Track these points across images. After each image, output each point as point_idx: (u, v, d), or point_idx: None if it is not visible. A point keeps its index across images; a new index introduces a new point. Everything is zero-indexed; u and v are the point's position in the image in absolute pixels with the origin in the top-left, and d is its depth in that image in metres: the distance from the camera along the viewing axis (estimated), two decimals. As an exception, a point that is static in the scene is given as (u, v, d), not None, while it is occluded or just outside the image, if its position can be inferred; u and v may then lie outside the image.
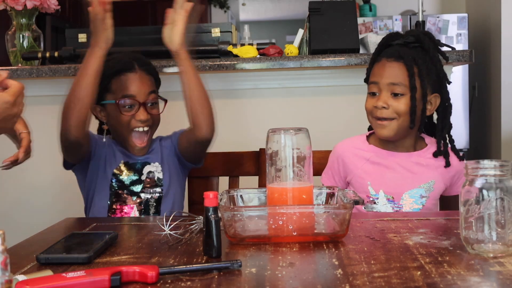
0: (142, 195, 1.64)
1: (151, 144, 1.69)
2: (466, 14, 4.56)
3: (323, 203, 1.23)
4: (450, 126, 1.56)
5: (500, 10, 4.27)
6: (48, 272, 0.88)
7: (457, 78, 4.45)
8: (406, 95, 1.48)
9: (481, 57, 4.63)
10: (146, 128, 1.62)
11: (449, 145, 1.56)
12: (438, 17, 4.56)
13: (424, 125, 1.58)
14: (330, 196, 1.24)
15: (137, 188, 1.65)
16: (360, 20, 4.53)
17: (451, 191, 1.56)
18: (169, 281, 0.86)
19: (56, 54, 2.32)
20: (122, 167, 1.65)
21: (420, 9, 2.58)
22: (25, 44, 2.38)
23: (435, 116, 1.60)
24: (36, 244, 1.09)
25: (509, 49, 4.26)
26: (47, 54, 2.32)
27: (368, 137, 1.63)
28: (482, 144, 4.75)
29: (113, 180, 1.64)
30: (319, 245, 1.05)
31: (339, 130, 2.35)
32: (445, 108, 1.55)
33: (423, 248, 1.00)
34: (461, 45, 4.48)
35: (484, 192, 0.94)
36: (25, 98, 1.17)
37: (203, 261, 0.97)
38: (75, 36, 2.60)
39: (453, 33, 4.52)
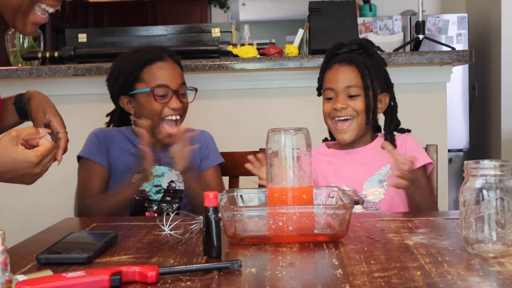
0: (163, 204, 1.63)
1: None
2: (466, 14, 4.56)
3: (323, 203, 1.23)
4: (398, 123, 1.68)
5: (500, 10, 4.27)
6: (48, 272, 0.88)
7: (457, 78, 4.45)
8: (361, 95, 1.59)
9: (481, 57, 4.63)
10: (178, 117, 1.62)
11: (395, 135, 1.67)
12: (438, 17, 4.56)
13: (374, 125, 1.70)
14: (330, 196, 1.24)
15: (157, 196, 1.64)
16: (360, 20, 4.53)
17: None
18: (169, 281, 0.86)
19: (56, 54, 2.32)
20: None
21: (420, 9, 2.58)
22: (25, 44, 2.38)
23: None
24: (36, 244, 1.09)
25: (509, 49, 4.26)
26: (47, 54, 2.32)
27: (327, 145, 1.73)
28: (482, 144, 4.75)
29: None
30: (319, 245, 1.05)
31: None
32: (392, 107, 1.68)
33: (423, 248, 1.00)
34: (461, 45, 4.48)
35: (484, 192, 0.94)
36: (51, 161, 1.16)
37: (203, 261, 0.97)
38: (75, 36, 2.60)
39: (453, 33, 4.52)
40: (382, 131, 1.71)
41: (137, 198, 1.61)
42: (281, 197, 1.12)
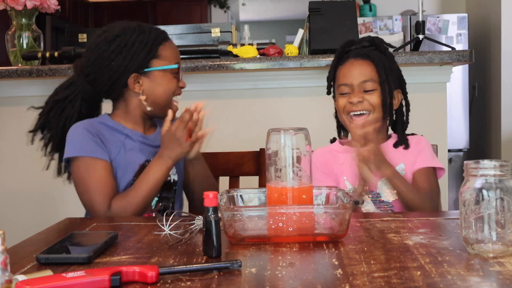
0: (160, 201, 1.57)
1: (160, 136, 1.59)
2: (466, 14, 4.56)
3: (323, 203, 1.23)
4: (406, 123, 1.66)
5: (500, 10, 4.27)
6: (48, 272, 0.88)
7: (457, 78, 4.45)
8: (377, 89, 1.57)
9: (481, 57, 4.63)
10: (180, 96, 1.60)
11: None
12: (438, 17, 4.56)
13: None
14: (330, 196, 1.24)
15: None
16: (360, 20, 4.53)
17: (414, 167, 1.60)
18: (169, 281, 0.86)
19: (56, 54, 2.32)
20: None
21: (420, 9, 2.58)
22: (25, 44, 2.38)
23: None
24: (36, 244, 1.09)
25: (509, 49, 4.26)
26: (47, 54, 2.32)
27: (340, 143, 1.71)
28: (482, 144, 4.75)
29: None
30: (319, 245, 1.05)
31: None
32: (403, 105, 1.66)
33: (423, 248, 1.00)
34: (461, 45, 4.48)
35: (484, 192, 0.94)
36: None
37: (203, 261, 0.97)
38: (75, 36, 2.60)
39: (453, 33, 4.52)
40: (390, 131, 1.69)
41: None
42: (281, 197, 1.12)
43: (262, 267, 0.92)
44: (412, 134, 1.67)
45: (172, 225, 1.11)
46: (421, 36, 2.55)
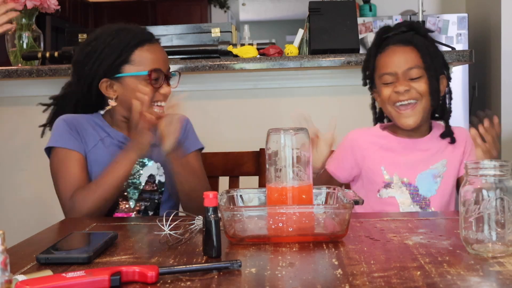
0: (140, 202, 1.55)
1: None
2: (466, 14, 4.56)
3: (323, 203, 1.23)
4: (450, 111, 1.58)
5: (500, 10, 4.27)
6: (48, 272, 0.88)
7: (457, 78, 4.45)
8: (423, 76, 1.49)
9: (481, 57, 4.63)
10: (164, 103, 1.52)
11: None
12: (438, 17, 4.56)
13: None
14: (329, 196, 1.24)
15: (134, 193, 1.55)
16: (360, 20, 4.53)
17: (460, 169, 1.55)
18: (169, 281, 0.86)
19: (56, 54, 2.32)
20: None
21: (420, 9, 2.58)
22: (25, 44, 2.38)
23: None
24: (36, 244, 1.09)
25: (509, 49, 4.26)
26: (47, 54, 2.32)
27: (381, 127, 1.63)
28: (482, 144, 4.74)
29: None
30: (319, 245, 1.05)
31: (339, 130, 2.35)
32: (448, 92, 1.58)
33: (422, 248, 1.00)
34: (461, 45, 4.48)
35: (484, 192, 0.94)
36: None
37: (203, 261, 0.97)
38: (75, 36, 2.60)
39: (453, 33, 4.52)
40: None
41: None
42: (280, 197, 1.12)
43: (262, 267, 0.92)
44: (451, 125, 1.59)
45: (172, 225, 1.11)
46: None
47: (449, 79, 1.57)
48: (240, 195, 1.24)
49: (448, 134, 1.55)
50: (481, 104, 4.73)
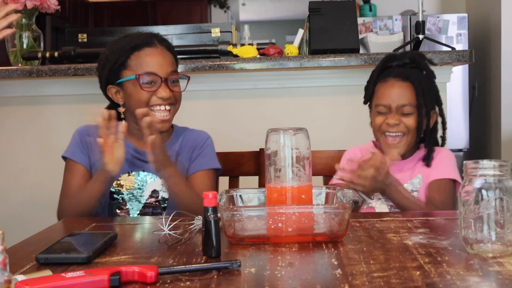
0: (144, 211, 1.54)
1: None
2: (466, 14, 4.56)
3: (323, 203, 1.23)
4: (443, 141, 1.69)
5: (500, 10, 4.27)
6: (48, 272, 0.88)
7: (457, 78, 4.45)
8: (414, 113, 1.59)
9: (481, 57, 4.63)
10: (168, 107, 1.51)
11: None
12: (438, 17, 4.56)
13: None
14: (329, 196, 1.24)
15: (135, 206, 1.55)
16: (360, 20, 4.53)
17: (429, 178, 1.62)
18: (169, 281, 0.86)
19: (56, 54, 2.32)
20: (123, 181, 1.55)
21: (420, 9, 2.58)
22: (25, 44, 2.38)
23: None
24: (36, 244, 1.09)
25: (509, 49, 4.26)
26: (47, 54, 2.32)
27: (375, 144, 1.72)
28: (482, 144, 4.75)
29: (113, 189, 1.54)
30: (319, 245, 1.05)
31: (339, 130, 2.35)
32: (437, 123, 1.67)
33: (422, 248, 1.00)
34: (461, 45, 4.48)
35: (484, 192, 0.94)
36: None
37: (202, 261, 0.97)
38: (75, 36, 2.60)
39: (453, 33, 4.52)
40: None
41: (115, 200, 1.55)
42: (280, 197, 1.12)
43: (262, 267, 0.92)
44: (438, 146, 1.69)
45: (171, 225, 1.11)
46: (421, 36, 2.55)
47: (441, 113, 1.67)
48: (240, 195, 1.24)
49: (427, 159, 1.64)
50: (481, 104, 4.73)
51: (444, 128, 1.69)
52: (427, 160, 1.63)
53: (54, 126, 2.41)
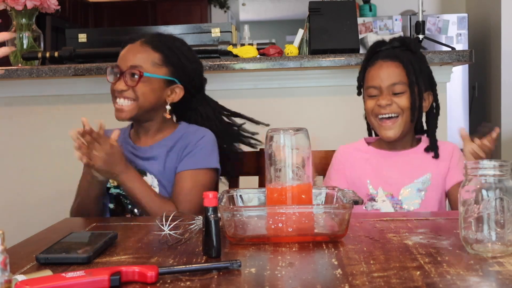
0: (135, 210, 1.56)
1: (156, 149, 1.56)
2: (466, 14, 4.56)
3: (323, 203, 1.23)
4: (435, 127, 1.62)
5: (500, 10, 4.27)
6: (48, 272, 0.88)
7: (457, 78, 4.45)
8: (406, 92, 1.53)
9: (481, 57, 4.64)
10: (126, 101, 1.52)
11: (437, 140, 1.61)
12: (438, 17, 4.56)
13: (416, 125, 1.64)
14: (329, 196, 1.24)
15: (127, 203, 1.57)
16: (360, 20, 4.53)
17: (447, 183, 1.57)
18: (169, 281, 0.86)
19: (56, 54, 2.32)
20: None
21: (420, 9, 2.58)
22: (25, 44, 2.38)
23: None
24: (36, 244, 1.09)
25: (509, 49, 4.26)
26: (47, 54, 2.32)
27: (367, 141, 1.68)
28: (482, 144, 4.74)
29: (109, 184, 1.56)
30: (319, 245, 1.05)
31: (338, 130, 2.35)
32: (435, 108, 1.62)
33: (422, 248, 1.00)
34: (461, 45, 4.48)
35: (484, 192, 0.94)
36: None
37: (203, 261, 0.97)
38: (75, 36, 2.60)
39: (453, 33, 4.52)
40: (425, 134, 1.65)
41: (113, 203, 1.58)
42: (280, 197, 1.12)
43: (262, 267, 0.92)
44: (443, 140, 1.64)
45: (171, 225, 1.11)
46: (421, 36, 2.55)
47: (435, 96, 1.61)
48: (240, 195, 1.24)
49: (431, 148, 1.58)
50: (481, 104, 4.73)
51: (436, 114, 1.62)
52: (433, 150, 1.57)
53: (54, 126, 2.41)
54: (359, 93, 1.65)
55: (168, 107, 1.57)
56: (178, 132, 1.61)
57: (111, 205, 1.59)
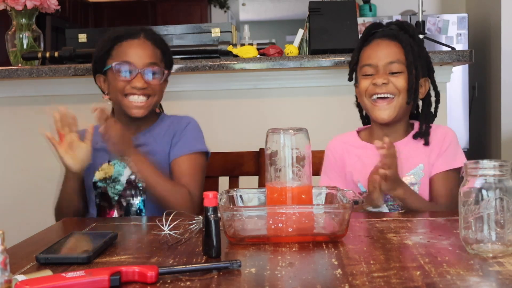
0: (122, 199, 1.56)
1: (142, 138, 1.58)
2: (466, 14, 4.56)
3: (323, 203, 1.23)
4: (433, 116, 1.54)
5: (500, 10, 4.27)
6: (48, 272, 0.88)
7: (457, 78, 4.45)
8: (403, 72, 1.46)
9: (481, 57, 4.64)
10: (142, 98, 1.54)
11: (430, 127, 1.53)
12: (438, 17, 4.56)
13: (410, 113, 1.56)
14: (329, 196, 1.24)
15: (114, 195, 1.57)
16: (360, 20, 4.53)
17: (432, 171, 1.50)
18: (169, 281, 0.86)
19: (56, 54, 2.32)
20: (103, 169, 1.58)
21: (420, 9, 2.58)
22: (25, 44, 2.38)
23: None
24: (36, 244, 1.09)
25: (509, 49, 4.26)
26: (47, 54, 2.32)
27: (359, 133, 1.61)
28: (482, 144, 4.75)
29: (95, 179, 1.57)
30: (319, 245, 1.05)
31: (338, 130, 2.35)
32: (431, 95, 1.54)
33: (422, 248, 1.00)
34: (461, 45, 4.48)
35: (484, 192, 0.94)
36: None
37: (203, 261, 0.97)
38: (75, 36, 2.60)
39: (453, 33, 4.52)
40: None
41: (97, 199, 1.58)
42: (280, 197, 1.12)
43: (262, 267, 0.92)
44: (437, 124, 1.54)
45: (171, 225, 1.11)
46: (421, 36, 2.55)
47: (433, 83, 1.54)
48: (240, 195, 1.24)
49: (420, 134, 1.50)
50: (481, 104, 4.73)
51: (437, 102, 1.53)
52: (424, 135, 1.49)
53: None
54: (350, 79, 1.57)
55: None
56: (161, 120, 1.65)
57: (97, 200, 1.58)
